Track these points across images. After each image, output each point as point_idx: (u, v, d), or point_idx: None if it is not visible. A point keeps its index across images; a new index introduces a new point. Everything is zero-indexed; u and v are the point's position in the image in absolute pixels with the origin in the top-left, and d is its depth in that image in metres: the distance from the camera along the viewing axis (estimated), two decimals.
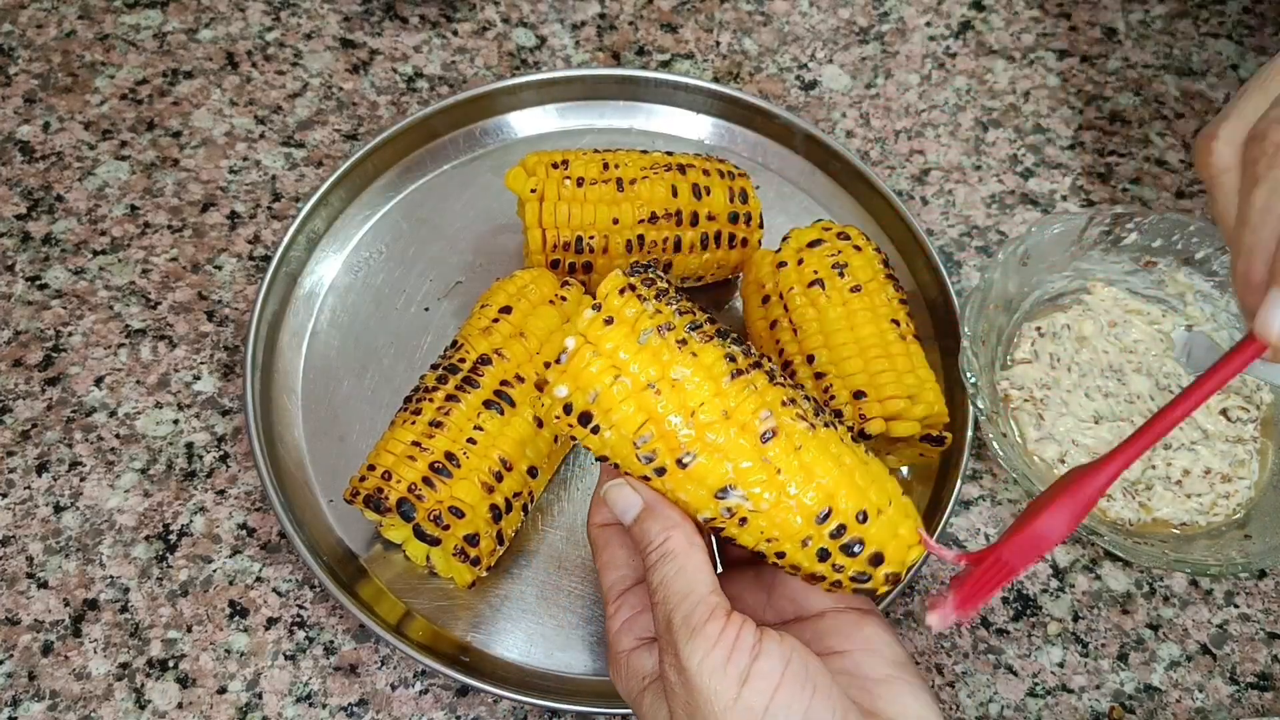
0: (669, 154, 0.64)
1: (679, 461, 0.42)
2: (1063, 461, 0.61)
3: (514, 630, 0.58)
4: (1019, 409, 0.63)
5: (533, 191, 0.61)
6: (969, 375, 0.59)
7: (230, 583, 0.59)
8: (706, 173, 0.63)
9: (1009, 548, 0.43)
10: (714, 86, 0.73)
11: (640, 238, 0.61)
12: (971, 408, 0.60)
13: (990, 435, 0.58)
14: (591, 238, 0.61)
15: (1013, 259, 0.63)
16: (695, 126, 0.74)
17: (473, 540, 0.54)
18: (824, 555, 0.43)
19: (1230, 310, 0.66)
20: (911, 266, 0.69)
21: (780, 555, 0.43)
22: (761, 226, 0.64)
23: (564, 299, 0.59)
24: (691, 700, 0.39)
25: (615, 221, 0.61)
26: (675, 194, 0.62)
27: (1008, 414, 0.63)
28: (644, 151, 0.64)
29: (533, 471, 0.57)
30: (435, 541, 0.54)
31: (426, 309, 0.67)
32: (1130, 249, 0.66)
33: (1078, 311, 0.66)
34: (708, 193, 0.62)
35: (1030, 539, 0.43)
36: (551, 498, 0.61)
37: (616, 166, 0.62)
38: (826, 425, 0.44)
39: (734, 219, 0.63)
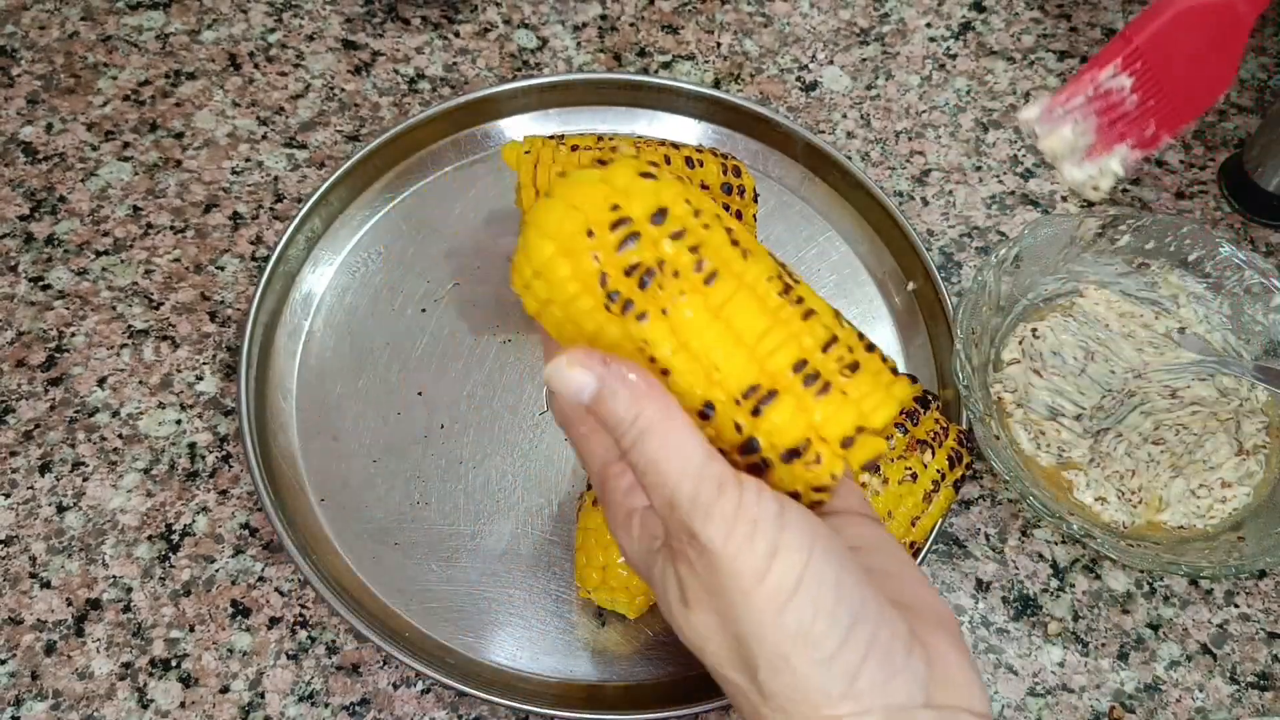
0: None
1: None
2: (1058, 462, 0.61)
3: (503, 635, 0.58)
4: (1010, 413, 0.63)
5: (526, 153, 0.62)
6: (961, 379, 0.59)
7: (233, 582, 0.59)
8: (700, 150, 0.65)
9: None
10: (714, 93, 0.73)
11: None
12: (966, 410, 0.60)
13: (982, 437, 0.58)
14: None
15: (1005, 260, 0.63)
16: (696, 132, 0.74)
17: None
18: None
19: (1223, 312, 0.66)
20: (910, 276, 0.69)
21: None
22: (756, 201, 0.65)
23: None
24: (714, 580, 0.35)
25: None
26: (668, 162, 0.63)
27: (1000, 416, 0.63)
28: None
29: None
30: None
31: (424, 310, 0.67)
32: (1123, 251, 0.66)
33: (1071, 313, 0.66)
34: (700, 165, 0.64)
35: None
36: (541, 501, 0.61)
37: (611, 138, 0.64)
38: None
39: (727, 190, 0.64)
